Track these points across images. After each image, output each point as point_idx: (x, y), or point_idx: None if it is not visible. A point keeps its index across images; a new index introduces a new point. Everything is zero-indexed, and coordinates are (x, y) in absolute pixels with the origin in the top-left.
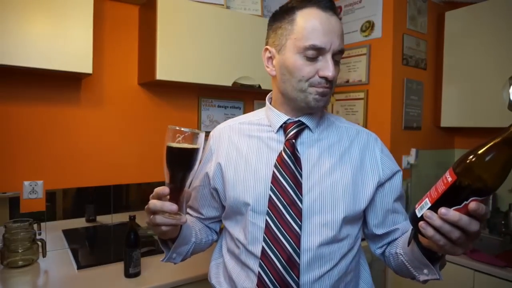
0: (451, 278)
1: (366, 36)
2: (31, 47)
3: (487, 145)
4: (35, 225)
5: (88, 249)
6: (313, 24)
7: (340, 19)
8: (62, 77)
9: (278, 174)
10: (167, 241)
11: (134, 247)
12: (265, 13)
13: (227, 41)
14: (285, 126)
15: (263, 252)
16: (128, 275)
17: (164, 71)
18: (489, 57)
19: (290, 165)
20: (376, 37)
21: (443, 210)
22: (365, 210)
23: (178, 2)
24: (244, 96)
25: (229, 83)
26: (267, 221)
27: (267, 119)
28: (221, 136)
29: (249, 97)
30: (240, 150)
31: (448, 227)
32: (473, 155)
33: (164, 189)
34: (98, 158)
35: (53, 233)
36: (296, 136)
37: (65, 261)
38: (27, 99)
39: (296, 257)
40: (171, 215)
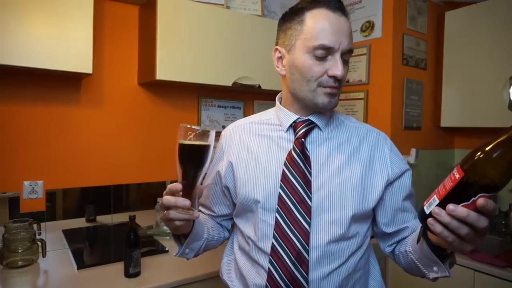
0: (451, 278)
1: (366, 36)
2: (31, 47)
3: (494, 142)
4: (35, 225)
5: (88, 249)
6: (322, 24)
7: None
8: (62, 77)
9: (287, 172)
10: (180, 237)
11: (134, 247)
12: (265, 13)
13: (227, 41)
14: (294, 125)
15: (273, 248)
16: (128, 275)
17: (164, 71)
18: (489, 57)
19: (299, 163)
20: (376, 37)
21: (451, 206)
22: (374, 209)
23: (178, 2)
24: (244, 96)
25: (229, 83)
26: (276, 218)
27: (277, 118)
28: (232, 135)
29: (249, 97)
30: (250, 149)
31: (457, 224)
32: (480, 152)
33: (177, 185)
34: (98, 158)
35: (53, 233)
36: (306, 135)
37: (65, 261)
38: (27, 99)
39: (305, 254)
40: (184, 210)
